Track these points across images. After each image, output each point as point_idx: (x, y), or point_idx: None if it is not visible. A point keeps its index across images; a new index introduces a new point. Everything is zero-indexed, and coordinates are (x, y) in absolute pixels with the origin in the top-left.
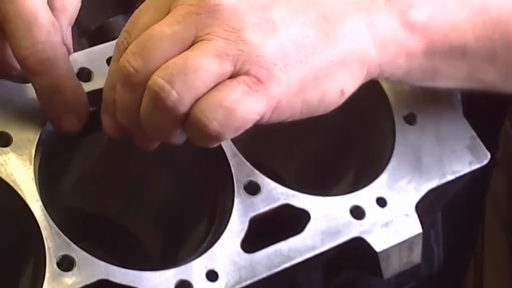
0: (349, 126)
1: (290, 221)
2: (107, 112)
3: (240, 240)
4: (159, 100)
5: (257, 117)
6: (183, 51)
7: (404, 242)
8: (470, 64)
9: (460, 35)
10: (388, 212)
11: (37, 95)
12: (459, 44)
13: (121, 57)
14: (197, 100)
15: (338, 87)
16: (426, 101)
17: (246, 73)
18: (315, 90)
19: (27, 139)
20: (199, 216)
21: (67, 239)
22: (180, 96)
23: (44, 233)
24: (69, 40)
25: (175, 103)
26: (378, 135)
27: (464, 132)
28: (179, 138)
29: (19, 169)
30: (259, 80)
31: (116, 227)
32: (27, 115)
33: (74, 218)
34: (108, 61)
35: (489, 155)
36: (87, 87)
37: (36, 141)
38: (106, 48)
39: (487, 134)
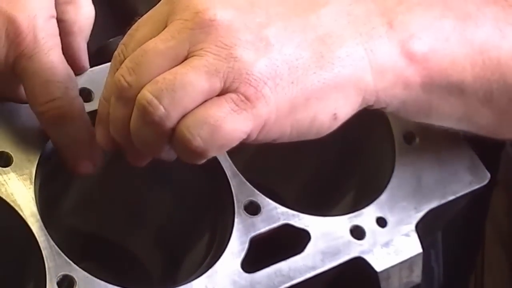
0: (349, 146)
1: (291, 241)
2: (101, 124)
3: (240, 260)
4: (146, 114)
5: (243, 136)
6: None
7: (404, 262)
8: (466, 103)
9: (459, 72)
10: (388, 232)
11: (53, 144)
12: (457, 81)
13: (117, 70)
14: (184, 116)
15: (331, 111)
16: None
17: (235, 91)
18: (306, 112)
19: (28, 159)
20: (200, 235)
21: (68, 259)
22: (167, 111)
23: (45, 253)
24: (85, 57)
25: (162, 118)
26: (378, 155)
27: (464, 152)
28: (168, 154)
29: (20, 189)
30: (247, 98)
31: (117, 247)
32: (28, 135)
33: (75, 238)
34: None
35: (489, 175)
36: (88, 107)
37: (37, 161)
38: (107, 69)
39: (488, 154)
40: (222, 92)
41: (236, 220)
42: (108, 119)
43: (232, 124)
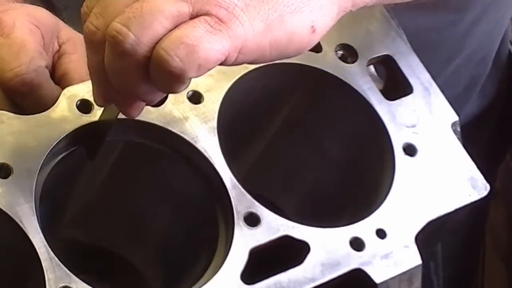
0: (348, 158)
1: (290, 252)
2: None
3: (240, 272)
4: (117, 44)
5: (221, 57)
6: None
7: (403, 273)
8: None
9: None
10: (388, 244)
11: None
12: None
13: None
14: (159, 41)
15: (308, 24)
16: (426, 132)
17: (207, 14)
18: (283, 29)
19: (28, 170)
20: (199, 247)
21: (68, 271)
22: (137, 37)
23: (45, 264)
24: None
25: (132, 45)
26: (378, 166)
27: (463, 163)
28: (148, 91)
29: (20, 201)
30: (220, 20)
31: (116, 259)
32: (28, 147)
33: (75, 249)
34: None
35: (488, 187)
36: (88, 118)
37: (37, 172)
38: None
39: (487, 165)
40: (193, 17)
41: (235, 231)
42: (91, 70)
43: (209, 43)
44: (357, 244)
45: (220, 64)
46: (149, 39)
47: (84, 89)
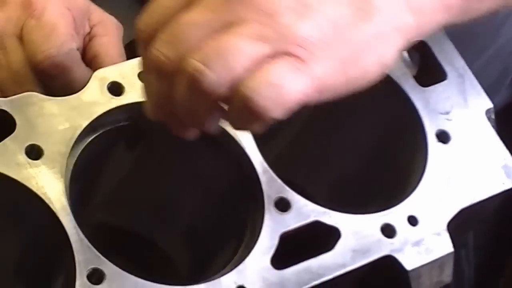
0: (381, 144)
1: (320, 238)
2: (147, 98)
3: (270, 257)
4: (196, 83)
5: (304, 97)
6: None
7: (435, 261)
8: None
9: None
10: (420, 231)
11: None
12: None
13: (145, 43)
14: (243, 80)
15: (379, 60)
16: (460, 119)
17: (286, 54)
18: (357, 66)
19: (59, 152)
20: (229, 231)
21: (98, 253)
22: (217, 78)
23: (75, 246)
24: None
25: (213, 86)
26: (410, 153)
27: (497, 151)
28: (213, 124)
29: (50, 182)
30: (301, 59)
31: (146, 241)
32: (59, 128)
33: (105, 231)
34: (140, 75)
35: None
36: (119, 101)
37: (68, 154)
38: (138, 63)
39: None
40: (271, 56)
41: (266, 216)
42: (151, 93)
43: (293, 84)
44: (388, 230)
45: (300, 105)
46: (229, 80)
47: (115, 72)
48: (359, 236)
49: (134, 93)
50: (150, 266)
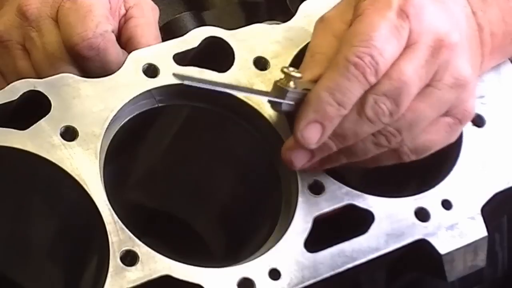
0: None
1: (354, 221)
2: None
3: (303, 240)
4: (390, 144)
5: None
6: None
7: (469, 245)
8: None
9: None
10: (453, 215)
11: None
12: None
13: (355, 78)
14: None
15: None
16: (494, 103)
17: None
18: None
19: (93, 133)
20: (263, 214)
21: (131, 234)
22: (408, 143)
23: (109, 227)
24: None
25: (406, 149)
26: None
27: None
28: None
29: (85, 164)
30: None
31: (179, 224)
32: (94, 110)
33: (138, 213)
34: (175, 57)
35: None
36: (154, 83)
37: (102, 135)
38: (173, 45)
39: None
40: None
41: (300, 199)
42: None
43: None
44: (422, 214)
45: None
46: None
47: (150, 53)
48: (393, 220)
49: (169, 75)
50: (183, 248)
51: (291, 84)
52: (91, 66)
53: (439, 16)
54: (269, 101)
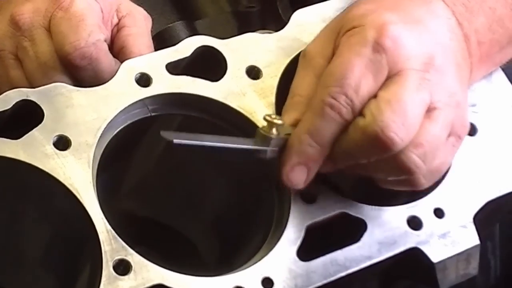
0: None
1: (347, 230)
2: (303, 164)
3: (296, 248)
4: (410, 175)
5: None
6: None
7: (461, 253)
8: None
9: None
10: (446, 223)
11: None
12: None
13: (328, 117)
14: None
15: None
16: (486, 112)
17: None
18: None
19: (86, 143)
20: (255, 223)
21: (124, 243)
22: (424, 172)
23: (101, 236)
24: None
25: (422, 179)
26: None
27: None
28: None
29: (78, 173)
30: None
31: (172, 233)
32: (86, 119)
33: (131, 222)
34: (167, 66)
35: None
36: (146, 92)
37: (95, 145)
38: (166, 54)
39: None
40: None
41: (292, 207)
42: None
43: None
44: (414, 223)
45: None
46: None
47: (143, 63)
48: (385, 228)
49: (162, 84)
50: (176, 257)
51: (274, 131)
52: (84, 75)
53: (418, 40)
54: (254, 151)
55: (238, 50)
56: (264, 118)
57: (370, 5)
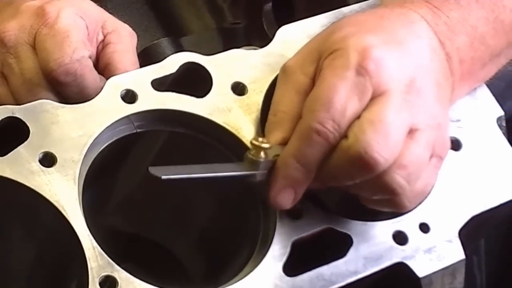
0: None
1: (332, 245)
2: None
3: (282, 264)
4: (394, 195)
5: None
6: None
7: (447, 268)
8: None
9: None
10: (431, 238)
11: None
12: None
13: (316, 144)
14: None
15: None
16: (471, 127)
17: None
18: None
19: (72, 159)
20: (241, 239)
21: (110, 260)
22: (409, 193)
23: (87, 253)
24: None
25: (406, 200)
26: None
27: (508, 158)
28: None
29: (64, 190)
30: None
31: (158, 249)
32: (72, 136)
33: (117, 238)
34: (153, 83)
35: None
36: (132, 109)
37: (81, 161)
38: (151, 70)
39: None
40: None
41: (278, 223)
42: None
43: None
44: (400, 238)
45: None
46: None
47: (128, 79)
48: (371, 243)
49: (147, 100)
50: (163, 273)
51: (262, 154)
52: (69, 91)
53: (400, 62)
54: (244, 177)
55: (224, 66)
56: (251, 143)
57: (352, 28)
